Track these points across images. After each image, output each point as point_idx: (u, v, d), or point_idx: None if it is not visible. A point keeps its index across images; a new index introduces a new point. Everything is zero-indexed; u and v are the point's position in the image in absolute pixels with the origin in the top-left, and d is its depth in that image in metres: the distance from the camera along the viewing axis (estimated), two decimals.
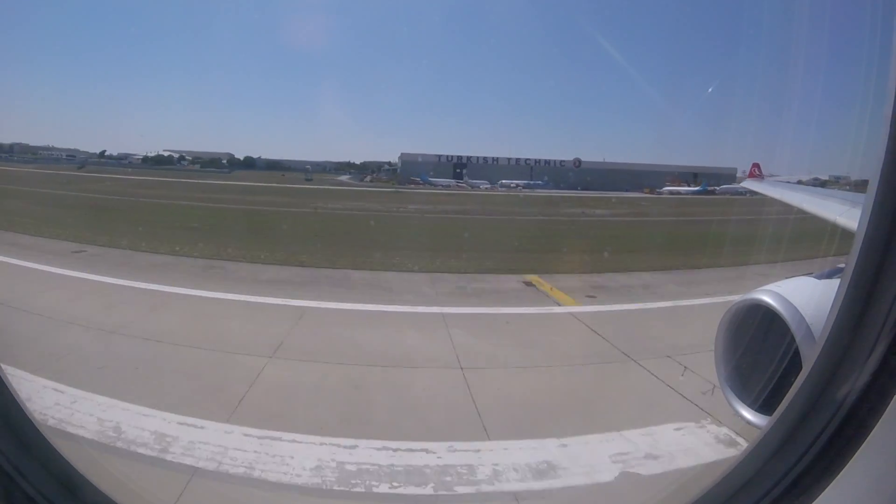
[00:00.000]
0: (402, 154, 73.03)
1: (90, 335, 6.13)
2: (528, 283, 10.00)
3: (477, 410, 4.64)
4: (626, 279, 10.47)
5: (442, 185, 59.06)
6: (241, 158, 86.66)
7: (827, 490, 1.15)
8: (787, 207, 6.02)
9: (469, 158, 71.87)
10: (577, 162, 69.35)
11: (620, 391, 5.39)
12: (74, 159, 76.47)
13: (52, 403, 4.29)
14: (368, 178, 73.20)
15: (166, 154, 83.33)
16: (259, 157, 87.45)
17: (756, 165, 10.21)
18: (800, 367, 1.64)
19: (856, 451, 1.12)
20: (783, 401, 1.36)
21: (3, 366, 1.55)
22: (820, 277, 2.45)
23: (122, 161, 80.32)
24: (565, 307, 8.47)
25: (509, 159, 71.45)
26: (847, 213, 3.83)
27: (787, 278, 2.59)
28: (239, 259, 11.47)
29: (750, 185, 9.07)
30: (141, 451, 3.77)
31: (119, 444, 3.83)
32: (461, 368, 5.56)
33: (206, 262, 11.05)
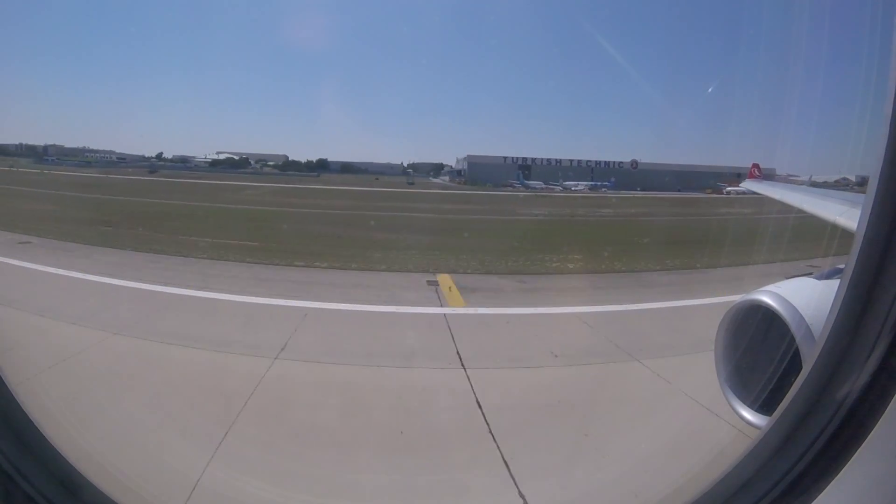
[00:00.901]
0: (468, 156, 74.15)
1: None
2: None
3: None
4: None
5: (536, 188, 59.19)
6: (315, 161, 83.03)
7: (827, 490, 1.15)
8: None
9: (533, 160, 73.09)
10: (635, 163, 70.31)
11: None
12: (125, 162, 73.16)
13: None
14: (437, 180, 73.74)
15: (236, 157, 79.30)
16: (325, 160, 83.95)
17: (755, 166, 10.21)
18: (800, 368, 1.64)
19: (856, 451, 1.12)
20: (783, 401, 1.36)
21: (3, 366, 1.55)
22: (820, 277, 2.45)
23: (188, 164, 75.85)
24: None
25: (570, 161, 72.74)
26: (847, 213, 3.83)
27: (787, 279, 2.59)
28: None
29: (749, 185, 9.03)
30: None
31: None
32: None
33: None
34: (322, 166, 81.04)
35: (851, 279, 1.20)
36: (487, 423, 4.13)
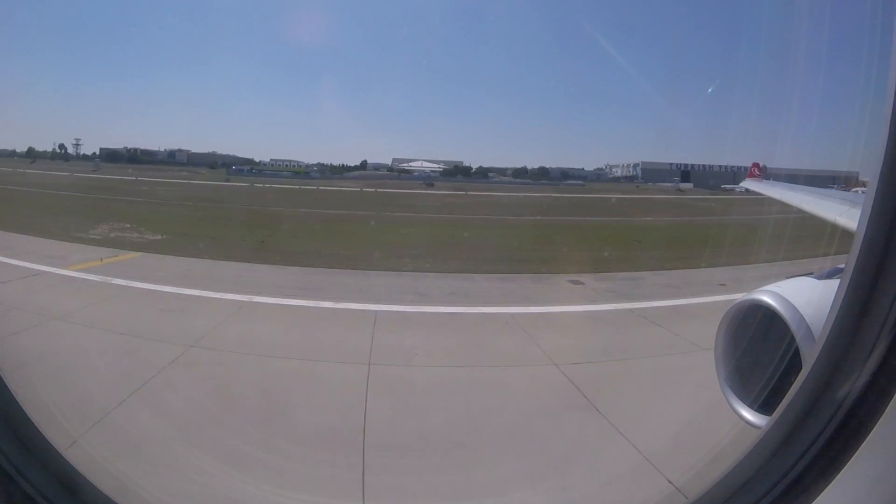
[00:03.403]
0: (643, 162, 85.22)
1: None
2: None
3: None
4: None
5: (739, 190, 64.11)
6: (537, 168, 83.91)
7: (827, 490, 1.15)
8: None
9: (691, 166, 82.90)
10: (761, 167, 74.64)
11: None
12: (316, 172, 69.55)
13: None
14: None
15: (440, 167, 77.56)
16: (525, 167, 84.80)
17: (756, 165, 10.19)
18: (800, 367, 1.64)
19: (856, 451, 1.11)
20: (783, 401, 1.35)
21: (3, 366, 1.55)
22: (820, 277, 2.45)
23: (413, 175, 72.01)
24: None
25: (720, 166, 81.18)
26: (847, 213, 3.82)
27: (787, 278, 2.58)
28: None
29: (749, 184, 9.02)
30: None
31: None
32: None
33: None
34: (543, 174, 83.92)
35: (851, 279, 1.20)
36: None
